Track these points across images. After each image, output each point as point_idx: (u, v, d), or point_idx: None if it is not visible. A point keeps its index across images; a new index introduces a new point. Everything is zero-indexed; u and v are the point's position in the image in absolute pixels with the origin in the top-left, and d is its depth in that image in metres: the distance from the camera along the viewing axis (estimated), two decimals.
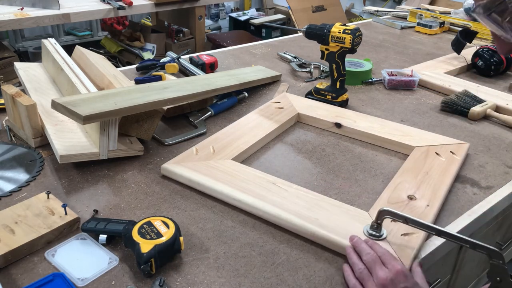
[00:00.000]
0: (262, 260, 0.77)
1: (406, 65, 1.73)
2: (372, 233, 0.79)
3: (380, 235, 0.78)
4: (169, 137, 1.13)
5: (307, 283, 0.73)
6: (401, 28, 2.28)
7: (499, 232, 1.23)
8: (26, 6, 2.37)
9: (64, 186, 0.94)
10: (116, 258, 0.76)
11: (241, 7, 4.97)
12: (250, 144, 1.07)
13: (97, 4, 2.55)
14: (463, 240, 0.72)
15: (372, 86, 1.53)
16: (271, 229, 0.84)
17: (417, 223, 0.74)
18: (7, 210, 0.82)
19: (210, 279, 0.73)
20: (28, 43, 3.62)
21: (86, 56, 1.34)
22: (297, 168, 1.04)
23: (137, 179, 0.97)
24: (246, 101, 1.36)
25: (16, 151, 1.05)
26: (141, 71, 1.55)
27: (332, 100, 1.31)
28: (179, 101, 1.14)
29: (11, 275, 0.72)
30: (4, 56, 2.40)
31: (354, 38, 1.21)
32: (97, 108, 0.91)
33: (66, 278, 0.69)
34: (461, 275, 1.14)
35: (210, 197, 0.92)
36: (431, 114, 1.33)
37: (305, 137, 1.17)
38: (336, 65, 1.29)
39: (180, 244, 0.75)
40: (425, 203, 0.88)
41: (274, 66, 1.64)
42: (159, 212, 0.88)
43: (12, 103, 1.05)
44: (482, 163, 1.08)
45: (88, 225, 0.80)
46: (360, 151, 1.12)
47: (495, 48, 1.63)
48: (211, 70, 1.54)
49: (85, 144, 0.99)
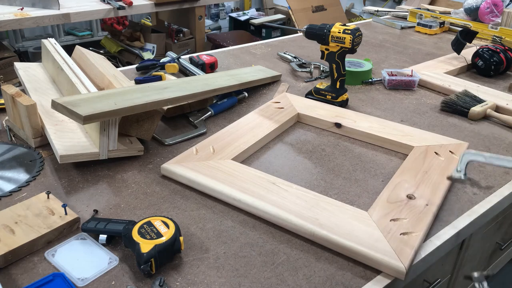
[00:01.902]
0: (262, 260, 0.77)
1: (406, 65, 1.73)
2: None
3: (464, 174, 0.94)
4: (169, 137, 1.13)
5: (307, 283, 0.73)
6: (401, 28, 2.28)
7: (499, 232, 1.23)
8: (26, 6, 2.37)
9: (64, 186, 0.94)
10: (116, 258, 0.76)
11: (241, 7, 4.97)
12: (250, 144, 1.07)
13: (97, 4, 2.55)
14: None
15: (372, 86, 1.53)
16: (271, 229, 0.85)
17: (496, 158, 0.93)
18: (7, 210, 0.82)
19: (210, 279, 0.73)
20: (28, 43, 3.62)
21: (86, 56, 1.34)
22: (297, 168, 1.04)
23: (137, 179, 0.98)
24: (246, 101, 1.36)
25: (16, 151, 1.05)
26: (141, 71, 1.55)
27: (332, 100, 1.31)
28: (179, 101, 1.14)
29: (11, 275, 0.72)
30: (4, 56, 2.40)
31: (354, 38, 1.21)
32: (97, 108, 0.91)
33: (66, 278, 0.70)
34: (461, 275, 1.14)
35: (210, 197, 0.92)
36: (431, 114, 1.33)
37: (305, 137, 1.18)
38: (336, 65, 1.29)
39: (180, 244, 0.75)
40: (424, 202, 0.88)
41: (274, 66, 1.64)
42: (159, 212, 0.88)
43: (12, 103, 1.05)
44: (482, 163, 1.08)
45: (88, 225, 0.80)
46: (360, 151, 1.12)
47: (495, 48, 1.63)
48: (211, 70, 1.54)
49: (85, 144, 0.99)
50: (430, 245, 0.82)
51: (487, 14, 2.11)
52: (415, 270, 0.80)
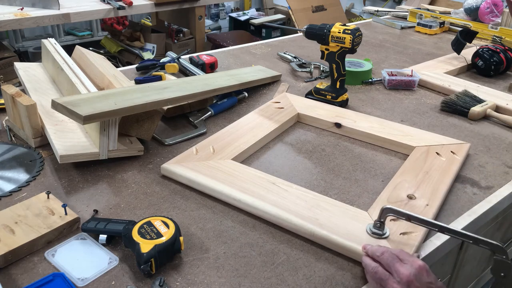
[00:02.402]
0: (262, 260, 0.77)
1: (406, 65, 1.73)
2: (375, 231, 0.78)
3: (383, 234, 0.78)
4: (169, 137, 1.13)
5: (307, 283, 0.73)
6: (401, 28, 2.28)
7: (499, 232, 1.23)
8: (26, 6, 2.37)
9: (64, 186, 0.94)
10: (116, 258, 0.76)
11: (241, 7, 4.97)
12: (250, 144, 1.07)
13: (97, 4, 2.55)
14: (466, 236, 0.71)
15: (372, 86, 1.53)
16: (271, 229, 0.84)
17: (420, 220, 0.74)
18: (7, 210, 0.82)
19: (210, 279, 0.73)
20: (28, 43, 3.62)
21: (86, 56, 1.34)
22: (297, 168, 1.04)
23: (137, 179, 0.98)
24: (246, 101, 1.36)
25: (16, 151, 1.05)
26: (141, 71, 1.55)
27: (332, 100, 1.31)
28: (179, 101, 1.14)
29: (11, 275, 0.72)
30: (4, 56, 2.40)
31: (354, 38, 1.21)
32: (97, 108, 0.91)
33: (66, 278, 0.70)
34: (461, 275, 1.14)
35: (210, 197, 0.92)
36: (431, 114, 1.33)
37: (305, 137, 1.17)
38: (336, 65, 1.29)
39: (180, 244, 0.75)
40: (425, 202, 0.88)
41: (274, 66, 1.64)
42: (159, 212, 0.88)
43: (12, 103, 1.05)
44: (482, 163, 1.08)
45: (88, 225, 0.80)
46: (360, 151, 1.12)
47: (495, 48, 1.63)
48: (211, 70, 1.54)
49: (85, 144, 0.99)
50: (430, 245, 0.82)
51: (487, 14, 2.11)
52: None
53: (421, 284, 0.65)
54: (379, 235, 0.78)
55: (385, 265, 0.69)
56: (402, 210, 0.75)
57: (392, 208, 0.75)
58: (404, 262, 0.68)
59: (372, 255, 0.73)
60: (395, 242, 0.78)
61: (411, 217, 0.74)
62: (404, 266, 0.67)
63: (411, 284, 0.65)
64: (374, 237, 0.78)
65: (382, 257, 0.70)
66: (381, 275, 0.68)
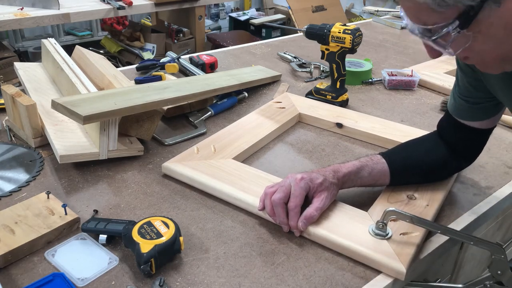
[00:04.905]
0: (262, 260, 0.77)
1: (406, 65, 1.73)
2: (378, 232, 0.79)
3: (385, 234, 0.78)
4: (169, 137, 1.13)
5: (307, 283, 0.73)
6: (401, 28, 2.27)
7: (499, 232, 1.23)
8: (26, 6, 2.37)
9: (64, 186, 0.94)
10: (116, 258, 0.75)
11: (241, 7, 4.97)
12: (251, 143, 1.07)
13: (97, 4, 2.55)
14: (467, 238, 0.74)
15: (372, 86, 1.53)
16: (271, 229, 0.84)
17: (423, 222, 0.75)
18: (7, 210, 0.82)
19: (210, 279, 0.73)
20: (28, 43, 3.62)
21: (86, 56, 1.34)
22: (297, 168, 1.04)
23: (137, 179, 0.97)
24: (246, 101, 1.36)
25: (16, 151, 1.05)
26: (141, 71, 1.55)
27: (332, 100, 1.31)
28: (179, 101, 1.14)
29: (11, 275, 0.72)
30: (4, 56, 2.41)
31: (354, 38, 1.21)
32: (97, 108, 0.91)
33: (66, 278, 0.69)
34: (461, 275, 1.14)
35: (210, 197, 0.92)
36: (431, 114, 1.33)
37: (305, 137, 1.17)
38: (336, 65, 1.29)
39: (180, 244, 0.75)
40: (425, 202, 0.88)
41: (274, 66, 1.64)
42: (159, 212, 0.88)
43: (12, 103, 1.05)
44: (482, 163, 1.08)
45: (88, 225, 0.80)
46: (360, 151, 1.12)
47: None
48: (211, 70, 1.54)
49: (85, 144, 0.99)
50: (430, 245, 0.82)
51: None
52: (415, 270, 0.80)
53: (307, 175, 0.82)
54: (382, 236, 0.78)
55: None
56: (405, 212, 0.76)
57: (396, 210, 0.76)
58: None
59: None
60: (395, 242, 0.78)
61: (414, 219, 0.75)
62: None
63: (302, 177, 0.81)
64: (377, 237, 0.78)
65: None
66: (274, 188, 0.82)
